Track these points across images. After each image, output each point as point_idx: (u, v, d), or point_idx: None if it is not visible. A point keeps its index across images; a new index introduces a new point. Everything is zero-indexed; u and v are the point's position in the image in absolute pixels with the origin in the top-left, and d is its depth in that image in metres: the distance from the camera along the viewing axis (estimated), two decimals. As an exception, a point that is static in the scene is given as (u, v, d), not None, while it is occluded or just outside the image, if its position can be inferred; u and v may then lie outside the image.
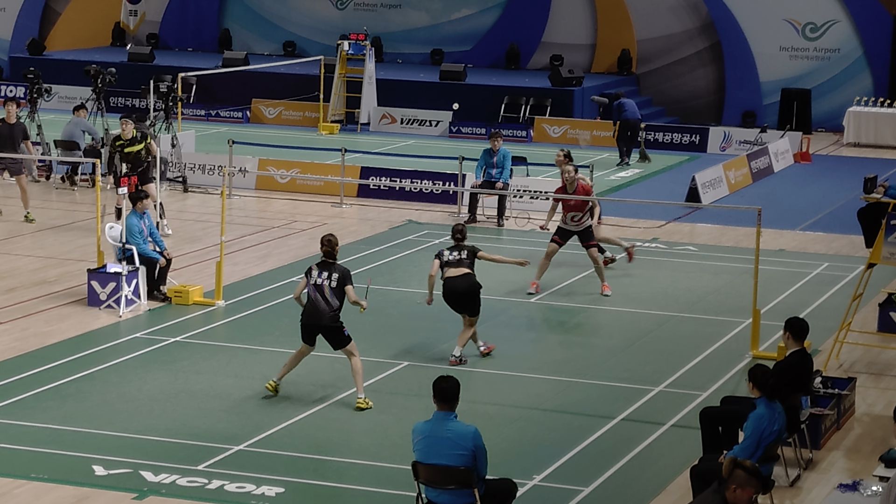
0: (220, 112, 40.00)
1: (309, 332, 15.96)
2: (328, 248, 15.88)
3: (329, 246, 15.89)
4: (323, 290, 15.72)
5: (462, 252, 17.61)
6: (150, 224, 20.34)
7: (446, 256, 17.62)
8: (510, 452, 14.53)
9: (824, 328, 19.12)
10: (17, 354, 17.48)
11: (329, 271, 15.78)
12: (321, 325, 15.80)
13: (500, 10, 44.52)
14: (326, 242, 15.92)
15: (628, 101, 34.26)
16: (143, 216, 20.15)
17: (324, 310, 15.71)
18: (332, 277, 15.72)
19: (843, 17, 40.72)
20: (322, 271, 15.79)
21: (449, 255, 17.63)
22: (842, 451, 15.04)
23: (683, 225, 26.89)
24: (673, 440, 15.19)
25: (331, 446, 14.63)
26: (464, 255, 17.59)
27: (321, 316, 15.74)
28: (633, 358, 18.35)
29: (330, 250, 15.88)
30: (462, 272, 17.52)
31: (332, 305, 15.71)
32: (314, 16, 46.07)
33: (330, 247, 15.89)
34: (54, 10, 47.43)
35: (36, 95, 30.38)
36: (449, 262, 17.59)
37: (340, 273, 15.76)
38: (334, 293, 15.70)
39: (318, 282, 15.75)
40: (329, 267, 15.82)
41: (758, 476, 10.19)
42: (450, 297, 17.58)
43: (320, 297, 15.72)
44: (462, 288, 17.46)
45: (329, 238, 15.96)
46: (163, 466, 13.86)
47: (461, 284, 17.47)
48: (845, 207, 27.96)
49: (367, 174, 29.02)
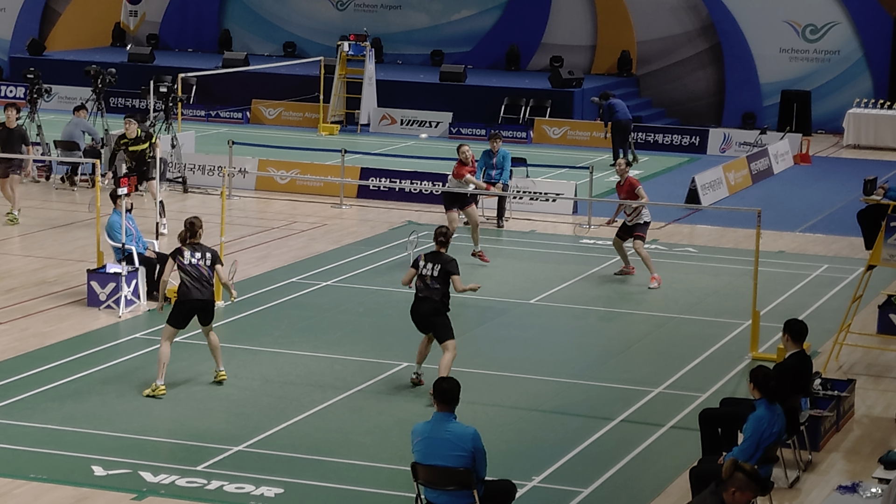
0: (219, 113, 40.00)
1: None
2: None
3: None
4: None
5: (436, 267, 16.34)
6: (134, 223, 20.32)
7: (421, 269, 16.43)
8: (509, 453, 14.53)
9: (824, 330, 19.12)
10: (17, 355, 17.48)
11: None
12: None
13: (500, 12, 44.53)
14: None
15: (619, 101, 34.32)
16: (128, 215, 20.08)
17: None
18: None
19: (844, 19, 40.73)
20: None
21: (424, 267, 16.42)
22: (841, 452, 15.04)
23: (683, 226, 26.89)
24: (672, 442, 15.19)
25: (330, 447, 14.63)
26: (436, 271, 16.31)
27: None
28: (633, 359, 18.35)
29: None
30: (429, 295, 16.36)
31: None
32: (314, 17, 46.07)
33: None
34: (54, 10, 47.43)
35: (36, 96, 30.38)
36: (423, 278, 16.40)
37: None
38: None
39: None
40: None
41: (757, 480, 10.18)
42: (414, 315, 16.60)
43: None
44: (425, 309, 16.39)
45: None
46: (162, 467, 13.86)
47: (425, 307, 16.38)
48: (845, 209, 27.96)
49: (367, 175, 29.03)
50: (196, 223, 16.57)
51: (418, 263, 16.45)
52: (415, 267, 16.50)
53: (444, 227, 16.87)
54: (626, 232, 22.19)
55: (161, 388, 16.10)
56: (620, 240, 22.26)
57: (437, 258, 16.43)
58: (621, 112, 33.71)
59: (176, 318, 16.29)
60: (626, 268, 22.53)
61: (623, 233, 22.22)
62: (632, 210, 22.01)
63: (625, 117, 33.74)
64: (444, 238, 16.64)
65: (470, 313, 20.02)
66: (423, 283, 16.34)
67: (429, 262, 16.40)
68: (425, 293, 16.30)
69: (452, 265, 16.39)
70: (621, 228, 22.26)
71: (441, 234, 16.70)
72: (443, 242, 16.63)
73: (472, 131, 37.89)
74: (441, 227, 16.85)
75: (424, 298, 16.29)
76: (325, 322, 19.49)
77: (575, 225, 26.63)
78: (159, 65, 41.64)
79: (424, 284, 16.32)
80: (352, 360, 17.47)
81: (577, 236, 25.65)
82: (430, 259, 16.43)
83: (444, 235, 16.68)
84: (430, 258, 16.44)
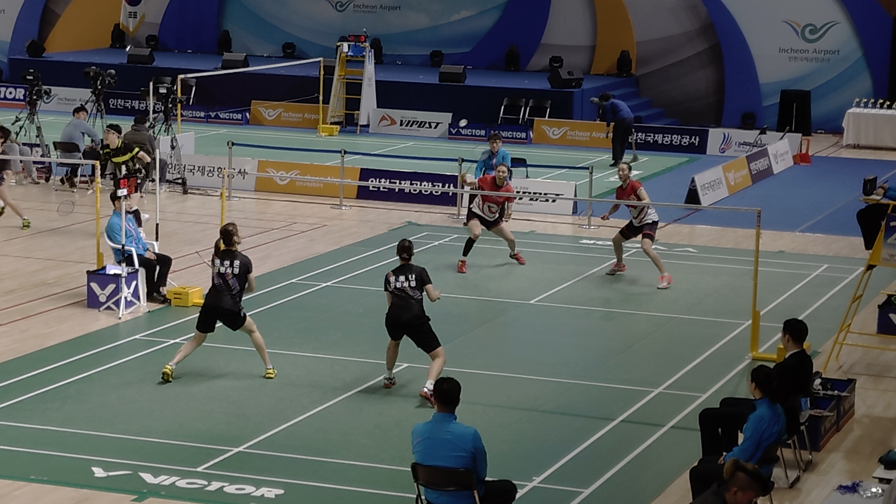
0: (219, 114, 40.00)
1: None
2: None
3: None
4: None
5: (410, 277, 16.28)
6: (134, 225, 20.32)
7: (395, 284, 16.29)
8: (510, 454, 14.53)
9: (824, 330, 19.12)
10: (17, 356, 17.48)
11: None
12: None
13: (499, 12, 44.54)
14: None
15: (621, 101, 34.37)
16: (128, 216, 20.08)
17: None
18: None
19: (843, 19, 40.74)
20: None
21: (395, 281, 16.30)
22: (841, 452, 15.03)
23: (683, 226, 26.89)
24: (672, 442, 15.19)
25: (330, 448, 14.63)
26: (412, 281, 16.26)
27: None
28: (633, 359, 18.35)
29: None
30: (407, 304, 16.28)
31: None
32: (314, 18, 46.08)
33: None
34: (54, 11, 47.43)
35: (35, 97, 30.40)
36: (400, 291, 16.26)
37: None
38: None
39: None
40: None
41: (759, 480, 10.18)
42: (392, 322, 16.47)
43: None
44: (405, 318, 16.30)
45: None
46: (162, 468, 13.86)
47: (404, 314, 16.30)
48: (845, 209, 27.96)
49: (367, 176, 29.03)
50: (232, 230, 16.81)
51: (389, 281, 16.32)
52: (387, 288, 16.37)
53: (406, 241, 16.67)
54: (632, 231, 22.18)
55: (169, 367, 16.46)
56: (623, 238, 22.26)
57: (408, 270, 16.34)
58: (624, 111, 33.79)
59: (201, 322, 16.75)
60: (619, 266, 22.53)
61: (629, 232, 22.21)
62: (638, 211, 22.00)
63: (628, 116, 33.83)
64: (408, 253, 16.46)
65: (470, 314, 20.02)
66: (402, 294, 16.25)
67: (400, 275, 16.30)
68: (403, 303, 16.24)
69: (425, 274, 16.42)
70: (627, 227, 22.24)
71: (404, 248, 16.50)
72: (406, 258, 16.43)
73: (471, 132, 37.90)
74: (403, 241, 16.67)
75: (403, 307, 16.22)
76: (325, 323, 19.49)
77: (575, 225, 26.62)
78: (159, 66, 41.64)
79: (404, 295, 16.24)
80: (352, 361, 17.48)
81: (577, 237, 25.64)
82: (400, 272, 16.33)
83: (407, 250, 16.47)
84: (400, 272, 16.34)
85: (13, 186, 26.93)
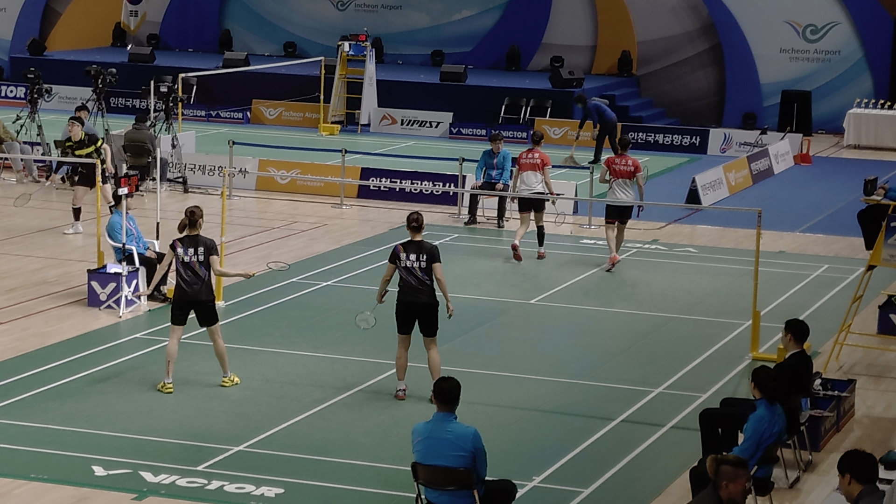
0: (220, 113, 40.00)
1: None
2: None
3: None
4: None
5: (421, 257, 15.67)
6: (134, 224, 20.32)
7: (404, 262, 15.70)
8: (510, 454, 14.53)
9: (824, 330, 19.12)
10: (17, 355, 17.48)
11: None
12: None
13: (500, 12, 44.53)
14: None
15: (603, 102, 34.59)
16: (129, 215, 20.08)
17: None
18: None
19: (844, 20, 40.73)
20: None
21: (407, 260, 15.71)
22: (841, 453, 14.98)
23: (683, 226, 26.90)
24: (672, 442, 15.20)
25: (330, 447, 14.63)
26: (423, 261, 15.67)
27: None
28: (633, 359, 18.35)
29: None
30: (421, 287, 15.77)
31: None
32: (315, 17, 46.08)
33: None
34: (55, 10, 47.43)
35: (36, 96, 30.39)
36: (409, 271, 15.69)
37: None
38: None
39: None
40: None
41: (743, 465, 10.19)
42: (405, 309, 15.88)
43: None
44: (422, 303, 15.80)
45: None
46: (162, 467, 13.86)
47: (421, 300, 15.78)
48: (845, 209, 27.95)
49: (368, 175, 29.04)
50: (196, 212, 16.34)
51: (398, 256, 15.70)
52: (393, 262, 15.79)
53: (416, 213, 16.01)
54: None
55: (168, 385, 16.12)
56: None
57: (420, 248, 15.75)
58: (609, 113, 34.02)
59: (174, 315, 16.24)
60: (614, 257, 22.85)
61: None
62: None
63: (612, 117, 34.08)
64: (417, 223, 15.82)
65: (470, 313, 20.02)
66: (412, 276, 15.71)
67: (411, 252, 15.70)
68: (417, 285, 15.73)
69: (436, 252, 15.81)
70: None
71: (414, 219, 15.87)
72: (416, 228, 15.81)
73: (472, 131, 37.91)
74: (413, 213, 16.01)
75: (418, 290, 15.73)
76: (325, 322, 19.49)
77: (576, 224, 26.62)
78: (160, 65, 41.65)
79: (414, 278, 15.72)
80: (352, 360, 17.48)
81: (578, 236, 25.63)
82: (412, 250, 15.71)
83: (417, 220, 15.85)
84: (411, 248, 15.73)
85: (12, 185, 26.93)
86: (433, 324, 15.92)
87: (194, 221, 16.34)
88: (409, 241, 15.88)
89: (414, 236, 15.86)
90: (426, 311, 15.84)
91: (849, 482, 10.34)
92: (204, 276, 16.19)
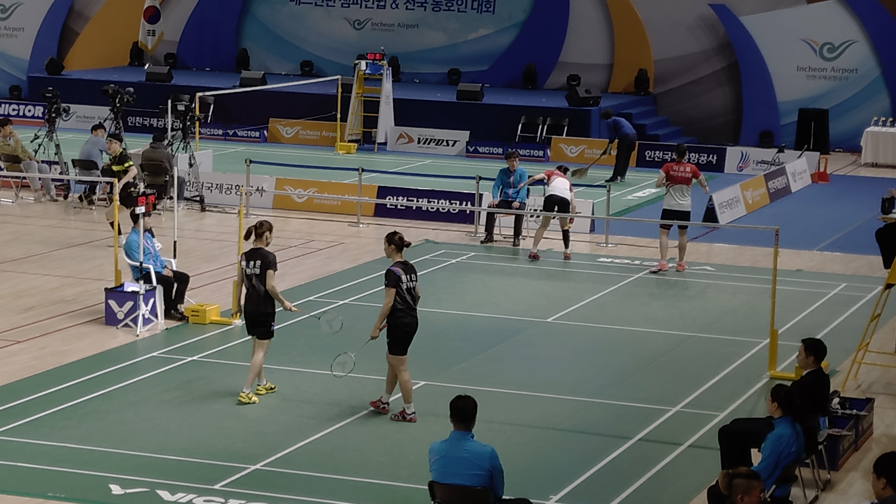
0: (237, 131, 40.09)
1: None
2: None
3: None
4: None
5: (412, 277, 15.78)
6: (152, 242, 20.35)
7: (406, 283, 15.72)
8: (527, 472, 14.51)
9: (842, 349, 19.08)
10: (35, 373, 17.51)
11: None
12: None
13: (517, 30, 44.59)
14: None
15: (623, 119, 34.60)
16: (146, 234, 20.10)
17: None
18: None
19: (861, 38, 40.70)
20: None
21: (408, 281, 15.74)
22: (860, 472, 14.98)
23: (700, 245, 26.86)
24: (690, 460, 15.16)
25: (347, 466, 14.62)
26: (415, 280, 15.82)
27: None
28: (651, 378, 18.31)
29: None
30: (414, 304, 15.86)
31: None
32: (331, 36, 46.18)
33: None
34: (73, 29, 47.61)
35: (54, 115, 30.50)
36: (409, 292, 15.75)
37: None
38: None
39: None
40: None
41: (756, 477, 10.17)
42: (407, 334, 15.92)
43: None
44: (412, 323, 15.96)
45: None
46: (179, 486, 13.86)
47: (413, 320, 15.91)
48: (863, 228, 27.91)
49: (384, 194, 29.06)
50: (260, 227, 16.64)
51: (400, 279, 15.69)
52: (394, 285, 15.70)
53: (400, 233, 16.02)
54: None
55: (246, 395, 16.43)
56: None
57: (411, 267, 15.88)
58: (627, 128, 34.08)
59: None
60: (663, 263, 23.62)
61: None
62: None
63: (631, 133, 34.17)
64: (403, 241, 15.89)
65: (487, 332, 20.02)
66: (410, 296, 15.79)
67: (410, 273, 15.78)
68: (413, 306, 15.84)
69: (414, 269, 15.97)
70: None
71: (400, 237, 15.90)
72: (400, 246, 15.86)
73: (489, 150, 37.94)
74: (395, 233, 15.96)
75: (415, 310, 15.88)
76: (341, 340, 19.47)
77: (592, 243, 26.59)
78: (177, 84, 41.79)
79: (412, 298, 15.81)
80: (369, 379, 17.46)
81: (595, 255, 25.59)
82: (409, 270, 15.80)
83: (404, 238, 15.93)
84: (408, 269, 15.77)
85: (31, 204, 27.01)
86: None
87: (252, 234, 16.67)
88: (404, 263, 15.91)
89: (399, 257, 15.90)
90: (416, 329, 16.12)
91: (883, 486, 10.24)
92: (260, 289, 16.37)
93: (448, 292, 22.32)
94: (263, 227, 16.74)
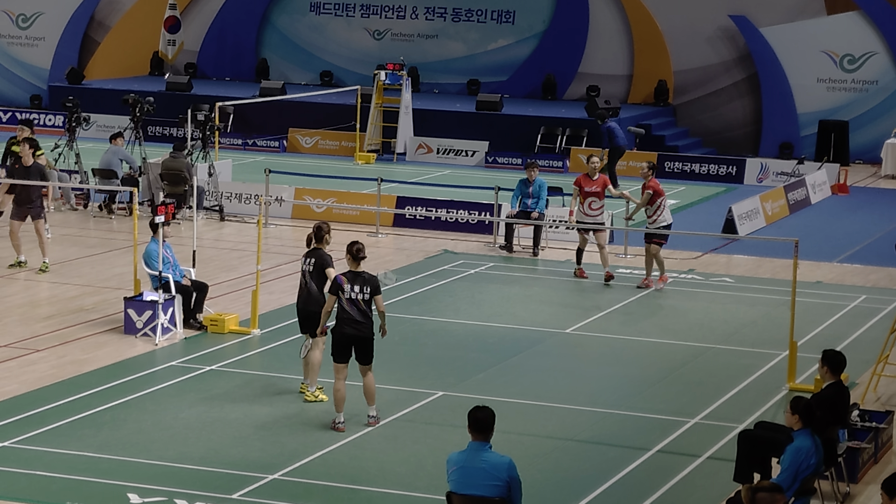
0: (256, 141, 40.14)
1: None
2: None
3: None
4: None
5: (365, 289, 15.60)
6: (171, 251, 20.37)
7: (349, 293, 15.59)
8: (545, 483, 14.48)
9: (862, 361, 19.01)
10: (54, 382, 17.54)
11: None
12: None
13: (536, 41, 44.60)
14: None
15: (617, 126, 34.36)
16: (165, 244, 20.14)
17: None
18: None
19: (882, 49, 40.62)
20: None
21: (350, 291, 15.60)
22: (879, 485, 14.89)
23: (720, 256, 26.82)
24: (709, 472, 15.12)
25: (365, 476, 14.62)
26: (367, 293, 15.61)
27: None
28: (669, 389, 18.28)
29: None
30: (358, 316, 15.66)
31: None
32: (351, 46, 46.24)
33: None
34: (93, 39, 47.75)
35: (75, 124, 30.57)
36: (352, 302, 15.61)
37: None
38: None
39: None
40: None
41: (779, 490, 10.14)
42: (340, 343, 15.82)
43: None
44: (358, 334, 15.76)
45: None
46: (198, 495, 13.86)
47: (353, 331, 15.73)
48: (883, 240, 27.83)
49: (403, 204, 29.07)
50: (318, 230, 16.75)
51: (342, 287, 15.59)
52: (334, 293, 15.66)
53: (360, 243, 15.76)
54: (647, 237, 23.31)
55: (312, 393, 16.71)
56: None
57: (361, 279, 15.67)
58: (620, 137, 33.96)
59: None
60: (647, 280, 23.32)
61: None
62: (652, 212, 23.38)
63: (623, 143, 34.02)
64: (363, 254, 15.69)
65: (505, 342, 20.00)
66: (354, 307, 15.57)
67: (355, 284, 15.61)
68: (358, 317, 15.59)
69: (377, 283, 15.77)
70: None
71: (358, 249, 15.70)
72: (359, 258, 15.67)
73: (508, 160, 37.94)
74: (357, 243, 15.75)
75: (359, 323, 15.60)
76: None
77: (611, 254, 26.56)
78: (197, 93, 41.87)
79: (356, 309, 15.58)
80: (387, 389, 17.45)
81: (613, 266, 25.56)
82: (355, 280, 15.62)
83: (362, 250, 15.70)
84: (353, 279, 15.61)
85: (51, 213, 27.06)
86: (371, 353, 15.93)
87: (319, 237, 16.76)
88: (357, 273, 15.71)
89: (355, 266, 15.74)
90: (367, 342, 15.84)
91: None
92: (311, 287, 16.59)
93: (466, 303, 22.31)
94: (322, 229, 16.84)
